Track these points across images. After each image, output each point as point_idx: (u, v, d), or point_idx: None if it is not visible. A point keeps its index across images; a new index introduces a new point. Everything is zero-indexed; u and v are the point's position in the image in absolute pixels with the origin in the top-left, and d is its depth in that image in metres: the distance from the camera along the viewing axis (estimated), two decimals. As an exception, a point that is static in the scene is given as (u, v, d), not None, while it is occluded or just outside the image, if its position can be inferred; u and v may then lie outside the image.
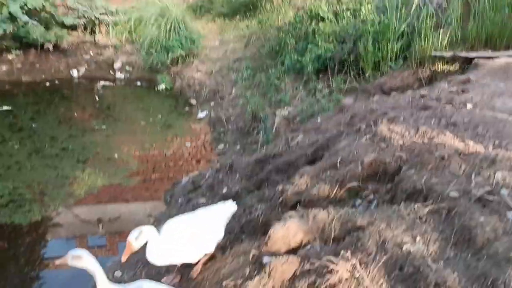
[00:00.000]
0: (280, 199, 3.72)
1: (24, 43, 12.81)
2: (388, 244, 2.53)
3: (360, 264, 2.46)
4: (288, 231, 2.94)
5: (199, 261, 3.49)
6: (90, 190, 6.73)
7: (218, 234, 3.47)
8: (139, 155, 8.06)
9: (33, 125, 9.19)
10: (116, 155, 7.91)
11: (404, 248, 2.45)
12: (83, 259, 2.92)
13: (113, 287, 2.99)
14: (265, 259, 2.89)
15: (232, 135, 8.81)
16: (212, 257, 3.63)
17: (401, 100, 5.01)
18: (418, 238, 2.53)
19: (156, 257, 3.26)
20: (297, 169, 4.74)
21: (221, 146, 8.52)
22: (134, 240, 3.00)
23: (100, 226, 6.06)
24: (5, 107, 10.08)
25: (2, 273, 5.05)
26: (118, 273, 4.64)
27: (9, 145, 8.15)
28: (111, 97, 11.84)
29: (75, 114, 10.24)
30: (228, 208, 3.59)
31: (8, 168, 7.21)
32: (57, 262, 3.03)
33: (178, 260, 3.38)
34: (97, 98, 11.45)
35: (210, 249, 3.48)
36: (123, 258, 3.07)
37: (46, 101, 11.03)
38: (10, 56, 12.97)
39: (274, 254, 2.92)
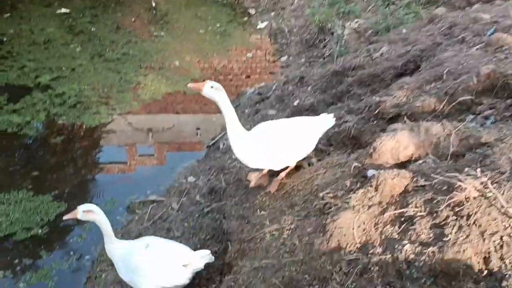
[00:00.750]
0: (376, 111, 3.40)
1: None
2: (526, 164, 2.21)
3: (492, 183, 2.18)
4: (397, 143, 2.66)
5: (280, 172, 3.29)
6: (155, 95, 6.62)
7: (309, 147, 3.18)
8: (200, 64, 7.80)
9: (92, 29, 9.02)
10: (177, 63, 7.69)
11: (548, 169, 2.13)
12: (93, 213, 3.01)
13: (120, 242, 3.10)
14: (370, 172, 2.64)
15: (295, 47, 8.32)
16: (298, 167, 3.43)
17: (510, 8, 4.36)
18: None
19: (243, 156, 3.09)
20: (384, 82, 4.35)
21: (284, 58, 8.10)
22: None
23: (154, 135, 6.03)
24: (64, 10, 9.91)
25: (61, 174, 5.20)
26: (191, 179, 4.60)
27: (70, 47, 8.06)
28: (166, 4, 11.37)
29: (132, 19, 9.94)
30: (326, 122, 3.21)
31: (72, 70, 7.17)
32: (66, 216, 3.07)
33: (261, 164, 3.15)
34: (153, 4, 11.03)
35: (296, 159, 3.25)
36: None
37: (102, 5, 10.73)
38: (63, -43, 12.54)
39: (380, 167, 2.68)
